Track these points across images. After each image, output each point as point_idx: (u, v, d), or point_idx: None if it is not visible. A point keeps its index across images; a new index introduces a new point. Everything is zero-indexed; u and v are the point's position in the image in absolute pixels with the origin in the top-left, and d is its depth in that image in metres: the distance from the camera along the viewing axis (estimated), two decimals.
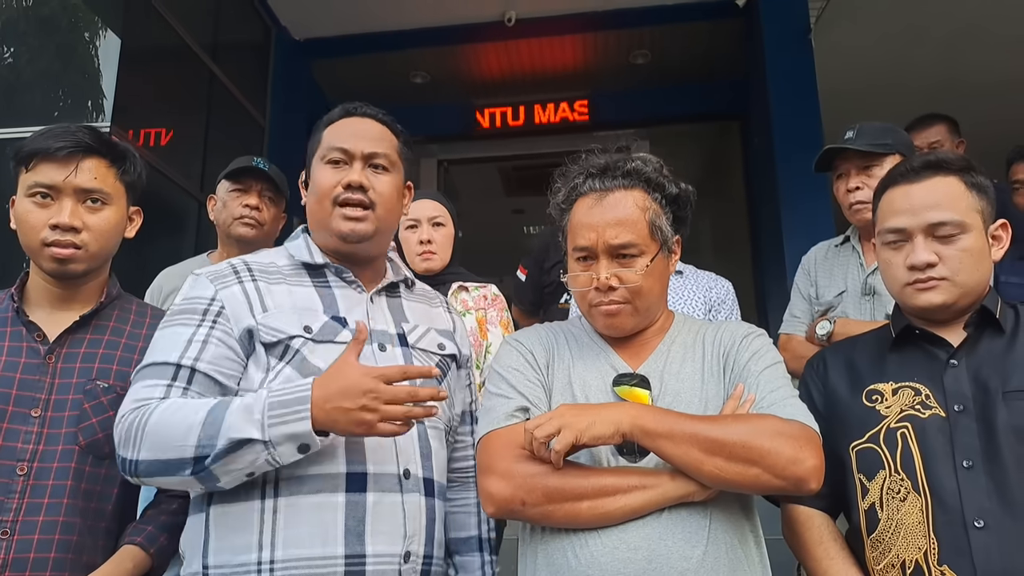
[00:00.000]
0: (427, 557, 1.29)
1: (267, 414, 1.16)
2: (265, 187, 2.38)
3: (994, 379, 1.26)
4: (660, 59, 5.37)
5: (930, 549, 1.21)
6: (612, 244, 1.27)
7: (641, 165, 1.32)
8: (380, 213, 1.38)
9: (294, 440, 1.16)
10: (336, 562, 1.20)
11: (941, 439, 1.25)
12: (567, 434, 1.10)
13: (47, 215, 1.39)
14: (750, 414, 1.18)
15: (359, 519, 1.23)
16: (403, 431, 1.17)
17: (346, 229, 1.37)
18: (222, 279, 1.35)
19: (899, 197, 1.36)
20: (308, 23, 5.11)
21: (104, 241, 1.45)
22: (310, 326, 1.32)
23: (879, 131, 2.05)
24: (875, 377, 1.36)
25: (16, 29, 3.72)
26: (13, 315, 1.42)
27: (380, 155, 1.40)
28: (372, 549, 1.22)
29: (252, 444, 1.16)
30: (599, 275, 1.27)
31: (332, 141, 1.41)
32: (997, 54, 5.02)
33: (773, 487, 1.12)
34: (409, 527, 1.26)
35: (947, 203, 1.32)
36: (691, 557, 1.11)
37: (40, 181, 1.39)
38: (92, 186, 1.42)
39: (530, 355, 1.34)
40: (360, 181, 1.36)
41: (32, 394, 1.36)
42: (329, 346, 1.31)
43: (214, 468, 1.17)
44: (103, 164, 1.44)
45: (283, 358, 1.29)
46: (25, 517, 1.28)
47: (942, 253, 1.31)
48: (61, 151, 1.39)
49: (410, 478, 1.28)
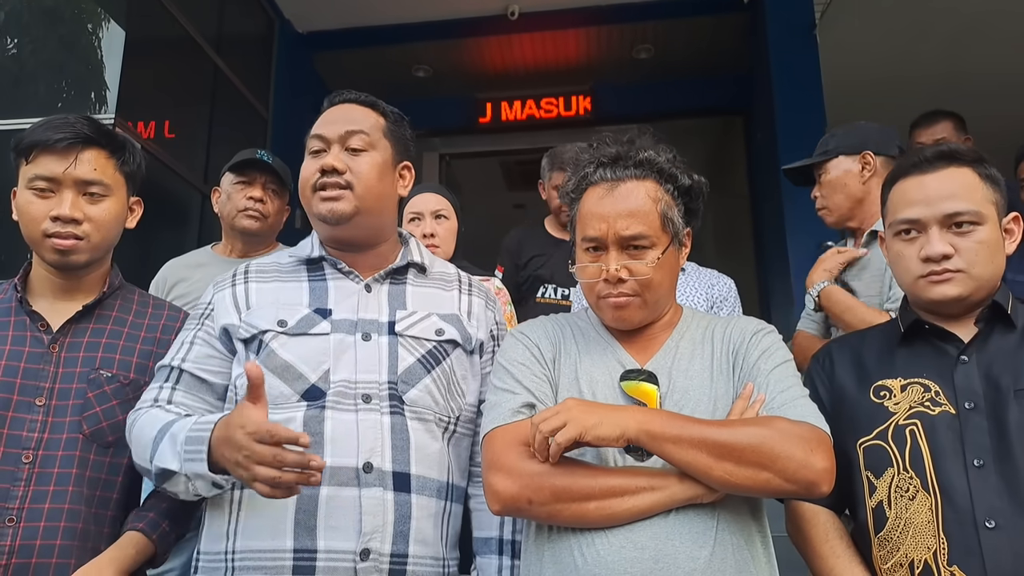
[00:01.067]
0: (398, 556, 1.24)
1: (183, 448, 1.19)
2: (269, 179, 2.38)
3: (1005, 376, 1.24)
4: (663, 54, 5.35)
5: (939, 549, 1.19)
6: (623, 235, 1.24)
7: (654, 155, 1.29)
8: (360, 192, 1.36)
9: (203, 478, 1.18)
10: (284, 555, 1.20)
11: (951, 437, 1.23)
12: (571, 429, 1.08)
13: (48, 206, 1.40)
14: (759, 417, 1.16)
15: (310, 513, 1.22)
16: (278, 495, 1.09)
17: (324, 210, 1.36)
18: (221, 283, 1.43)
19: (912, 187, 1.32)
20: (311, 16, 5.09)
21: (105, 232, 1.45)
22: (285, 320, 1.33)
23: (823, 139, 2.15)
24: (883, 373, 1.34)
25: (20, 20, 3.71)
26: (16, 305, 1.43)
27: (355, 134, 1.39)
28: (324, 544, 1.21)
29: (177, 474, 1.20)
30: (609, 267, 1.25)
31: (312, 131, 1.42)
32: (1003, 50, 4.99)
33: (784, 491, 1.11)
34: (367, 523, 1.22)
35: (963, 194, 1.29)
36: (698, 557, 1.10)
37: (40, 173, 1.40)
38: (92, 177, 1.42)
39: (536, 349, 1.31)
40: (332, 164, 1.36)
41: (36, 383, 1.37)
42: (303, 338, 1.32)
43: (164, 486, 1.25)
44: (102, 155, 1.45)
45: (257, 353, 1.32)
46: (31, 505, 1.30)
47: (958, 245, 1.28)
48: (60, 143, 1.39)
49: (371, 472, 1.25)
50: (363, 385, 1.30)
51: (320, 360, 1.30)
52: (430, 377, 1.35)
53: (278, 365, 1.29)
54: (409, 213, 2.30)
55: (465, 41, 5.26)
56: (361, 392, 1.29)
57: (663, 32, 5.17)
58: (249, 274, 1.42)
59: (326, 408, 1.27)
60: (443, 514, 1.34)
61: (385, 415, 1.29)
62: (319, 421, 1.26)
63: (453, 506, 1.37)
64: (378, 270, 1.42)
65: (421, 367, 1.34)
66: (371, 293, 1.39)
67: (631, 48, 5.34)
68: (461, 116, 5.72)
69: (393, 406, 1.30)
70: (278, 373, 1.29)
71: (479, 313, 1.48)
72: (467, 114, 5.71)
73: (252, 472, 1.08)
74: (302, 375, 1.29)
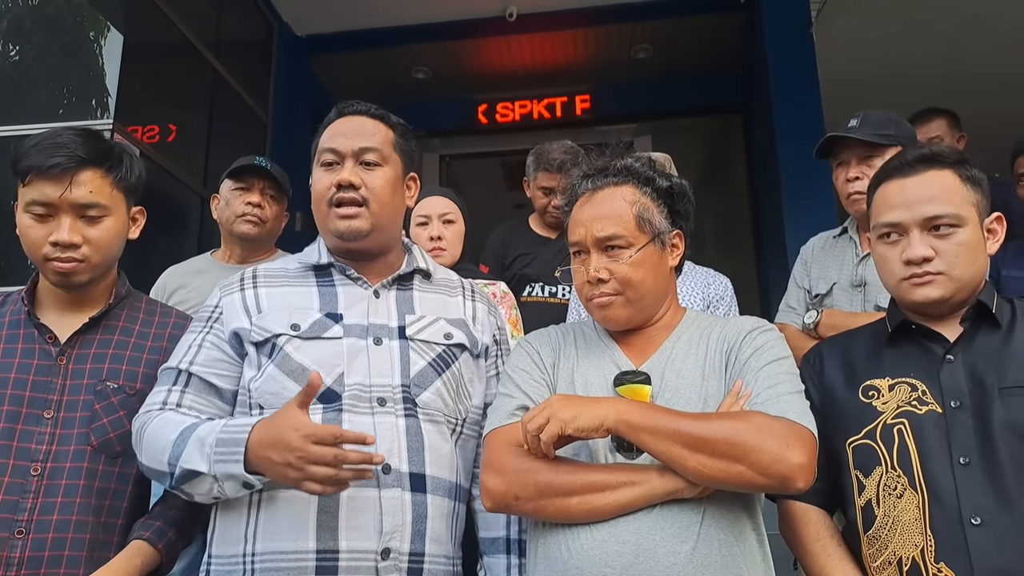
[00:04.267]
0: (416, 555, 1.27)
1: (214, 449, 1.21)
2: (267, 185, 2.40)
3: (991, 375, 1.26)
4: (662, 53, 5.36)
5: (927, 546, 1.20)
6: (598, 237, 1.31)
7: (631, 162, 1.36)
8: (375, 208, 1.40)
9: (234, 479, 1.20)
10: (308, 556, 1.22)
11: (938, 435, 1.24)
12: (552, 425, 1.12)
13: (47, 231, 1.39)
14: (738, 411, 1.18)
15: (332, 514, 1.24)
16: (330, 491, 1.15)
17: (342, 228, 1.39)
18: (228, 287, 1.43)
19: (894, 191, 1.35)
20: (310, 19, 5.11)
21: (105, 252, 1.45)
22: (298, 324, 1.35)
23: (883, 121, 2.03)
24: (871, 373, 1.35)
25: (21, 27, 3.72)
26: (25, 318, 1.44)
27: (370, 150, 1.41)
28: (346, 544, 1.23)
29: (203, 475, 1.21)
30: (589, 268, 1.31)
31: (324, 143, 1.43)
32: (1001, 47, 5.00)
33: (759, 485, 1.12)
34: (387, 523, 1.25)
35: (943, 197, 1.31)
36: (679, 552, 1.12)
37: (36, 198, 1.39)
38: (88, 200, 1.41)
39: (536, 355, 1.36)
40: (349, 179, 1.38)
41: (44, 396, 1.38)
42: (316, 342, 1.34)
43: (183, 487, 1.25)
44: (98, 174, 1.42)
45: (270, 356, 1.33)
46: (39, 516, 1.31)
47: (938, 247, 1.30)
48: (55, 169, 1.37)
49: (390, 473, 1.27)
50: (377, 388, 1.32)
51: (334, 364, 1.32)
52: (441, 380, 1.38)
53: (293, 368, 1.31)
54: (417, 217, 2.29)
55: (464, 42, 5.27)
56: (376, 395, 1.32)
57: (661, 32, 5.18)
58: (258, 279, 1.44)
59: (343, 411, 1.29)
60: (453, 514, 1.37)
61: (400, 417, 1.32)
62: (336, 424, 1.28)
63: (460, 506, 1.40)
64: (385, 276, 1.45)
65: (432, 370, 1.38)
66: (380, 299, 1.42)
67: (629, 48, 5.35)
68: (460, 117, 5.73)
69: (407, 408, 1.33)
70: (293, 376, 1.30)
71: (483, 318, 1.52)
72: (466, 115, 5.73)
73: (306, 472, 1.11)
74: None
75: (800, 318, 2.13)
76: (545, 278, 2.72)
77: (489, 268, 2.81)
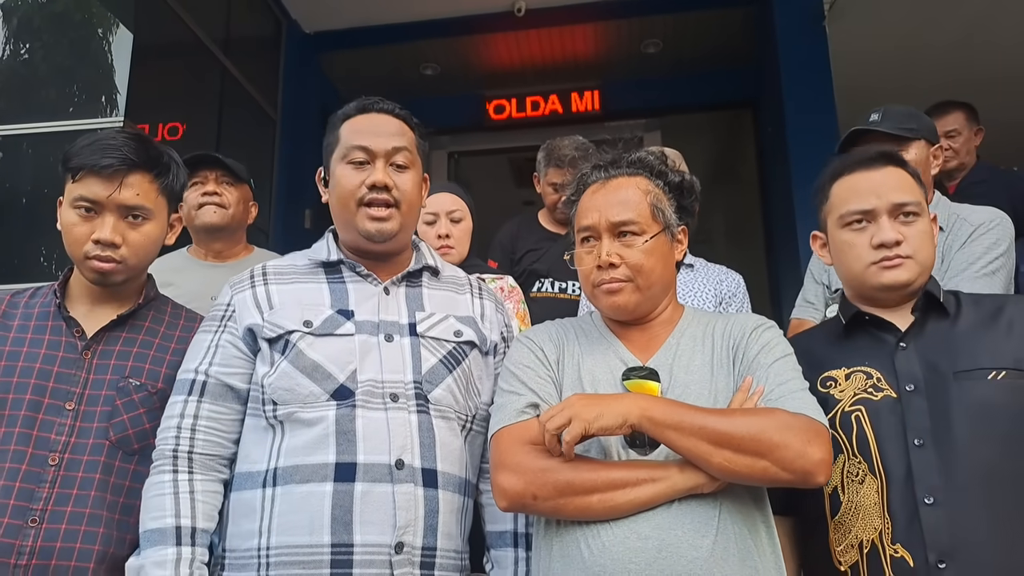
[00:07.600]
0: (428, 549, 1.29)
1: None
2: (220, 173, 2.37)
3: (944, 360, 1.31)
4: (672, 48, 5.32)
5: (884, 528, 1.24)
6: (613, 221, 1.31)
7: (644, 155, 1.38)
8: (404, 210, 1.41)
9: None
10: (322, 550, 1.23)
11: (893, 420, 1.29)
12: (576, 425, 1.12)
13: (90, 229, 1.44)
14: (759, 408, 1.19)
15: (346, 508, 1.25)
16: None
17: (373, 229, 1.39)
18: (239, 285, 1.44)
19: (860, 181, 1.43)
20: (318, 16, 5.11)
21: (143, 255, 1.50)
22: (310, 320, 1.36)
23: (905, 115, 2.07)
24: (829, 364, 1.41)
25: (31, 26, 3.74)
26: (55, 310, 1.48)
27: (401, 151, 1.42)
28: (361, 538, 1.24)
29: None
30: (601, 252, 1.31)
31: (352, 139, 1.42)
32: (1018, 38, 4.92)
33: (781, 480, 1.14)
34: (401, 517, 1.26)
35: (907, 187, 1.41)
36: (701, 547, 1.12)
37: (85, 195, 1.43)
38: (135, 203, 1.46)
39: (540, 351, 1.36)
40: (384, 181, 1.38)
41: (67, 387, 1.41)
42: (329, 339, 1.35)
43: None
44: (147, 179, 1.48)
45: (283, 352, 1.34)
46: (54, 507, 1.33)
47: (905, 233, 1.38)
48: (107, 169, 1.42)
49: (403, 468, 1.29)
50: (390, 384, 1.34)
51: (347, 360, 1.34)
52: (452, 377, 1.39)
53: (307, 365, 1.32)
54: (425, 214, 2.28)
55: (472, 38, 5.25)
56: (389, 391, 1.33)
57: (671, 26, 5.15)
58: (268, 275, 1.45)
59: (356, 407, 1.31)
60: (462, 509, 1.39)
61: (412, 413, 1.33)
62: (350, 419, 1.30)
63: (469, 501, 1.42)
64: (394, 274, 1.46)
65: (443, 367, 1.39)
66: (390, 296, 1.43)
67: (639, 43, 5.31)
68: (470, 113, 5.72)
69: (419, 405, 1.34)
70: (307, 373, 1.32)
71: (491, 316, 1.53)
72: (475, 111, 5.71)
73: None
74: (331, 375, 1.33)
75: (819, 312, 2.13)
76: (555, 274, 2.71)
77: (498, 263, 2.80)
